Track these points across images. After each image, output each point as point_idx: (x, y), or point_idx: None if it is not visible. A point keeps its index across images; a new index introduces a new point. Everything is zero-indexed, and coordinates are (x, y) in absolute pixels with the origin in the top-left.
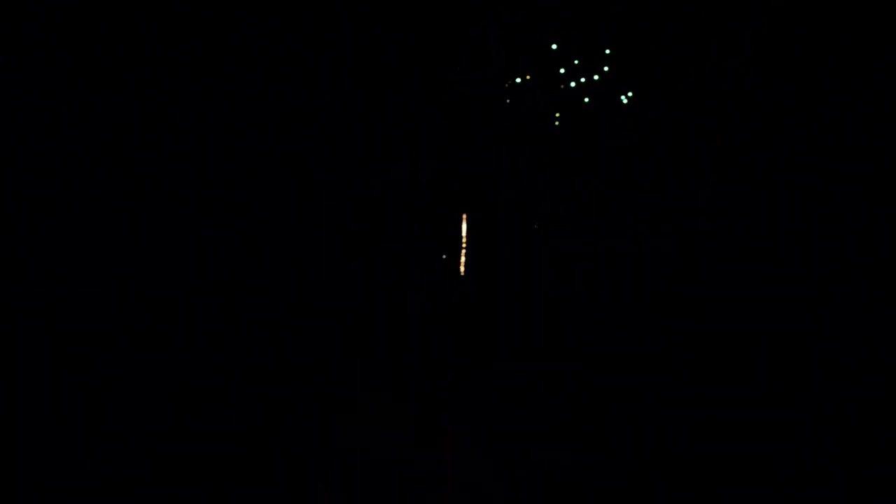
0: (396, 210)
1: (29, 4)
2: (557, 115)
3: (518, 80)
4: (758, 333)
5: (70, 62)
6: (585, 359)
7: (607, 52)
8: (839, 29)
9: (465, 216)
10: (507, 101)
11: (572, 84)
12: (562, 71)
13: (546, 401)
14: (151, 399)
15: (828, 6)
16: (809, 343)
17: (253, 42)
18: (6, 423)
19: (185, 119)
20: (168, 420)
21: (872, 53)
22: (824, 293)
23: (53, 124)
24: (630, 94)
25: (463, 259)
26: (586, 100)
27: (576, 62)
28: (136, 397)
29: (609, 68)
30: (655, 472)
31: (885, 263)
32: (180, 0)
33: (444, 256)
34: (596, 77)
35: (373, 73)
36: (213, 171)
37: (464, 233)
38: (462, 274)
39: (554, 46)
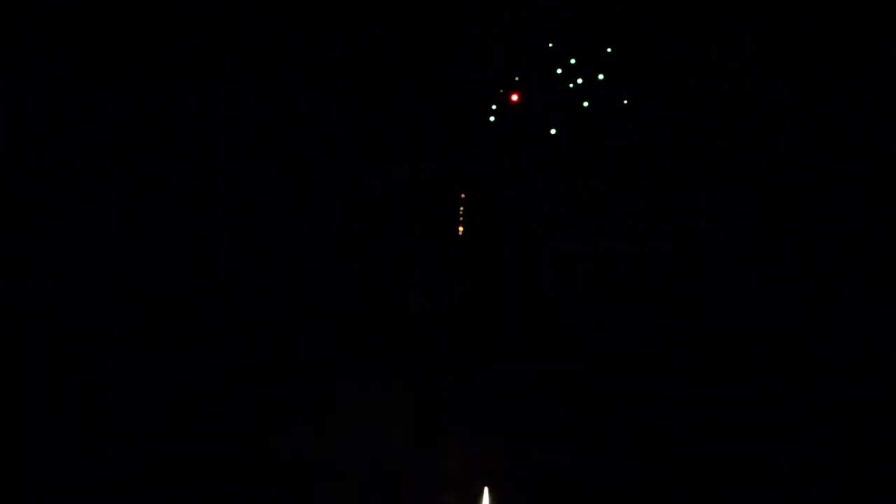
0: (396, 210)
1: (29, 4)
2: (557, 115)
3: (514, 80)
4: (758, 333)
5: (70, 62)
6: (585, 359)
7: (608, 52)
8: (839, 29)
9: (464, 216)
10: (508, 101)
11: (571, 85)
12: (561, 71)
13: (546, 401)
14: (151, 399)
15: (828, 6)
16: (809, 343)
17: (253, 42)
18: (6, 423)
19: (185, 119)
20: (168, 420)
21: (872, 53)
22: (824, 293)
23: (53, 124)
24: (628, 99)
25: (463, 259)
26: (586, 101)
27: (576, 62)
28: (136, 397)
29: (609, 68)
30: (655, 472)
31: (885, 263)
32: (180, 0)
33: (444, 256)
34: (596, 77)
35: (373, 73)
36: (213, 171)
37: (464, 233)
38: (462, 274)
39: (554, 46)
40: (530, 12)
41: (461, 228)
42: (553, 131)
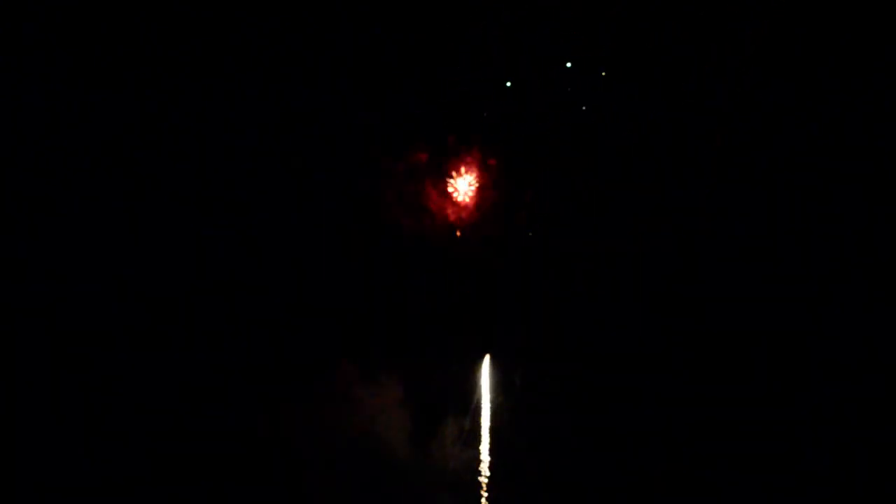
0: (396, 210)
1: (29, 4)
2: (557, 115)
3: (511, 83)
4: (758, 333)
5: (70, 62)
6: (585, 359)
7: (607, 52)
8: (839, 29)
9: (465, 216)
10: (507, 100)
11: (571, 85)
12: (561, 71)
13: (546, 401)
14: (151, 399)
15: (828, 6)
16: (809, 343)
17: (253, 42)
18: (6, 423)
19: (185, 119)
20: (168, 420)
21: (872, 53)
22: (824, 293)
23: (53, 124)
24: (628, 99)
25: (463, 259)
26: (586, 100)
27: (575, 62)
28: (136, 397)
29: (609, 68)
30: (655, 472)
31: (885, 263)
32: (180, 0)
33: (444, 256)
34: (595, 77)
35: (373, 73)
36: (213, 171)
37: (463, 233)
38: (462, 274)
39: (554, 46)
40: (530, 12)
41: (460, 230)
42: (551, 128)
